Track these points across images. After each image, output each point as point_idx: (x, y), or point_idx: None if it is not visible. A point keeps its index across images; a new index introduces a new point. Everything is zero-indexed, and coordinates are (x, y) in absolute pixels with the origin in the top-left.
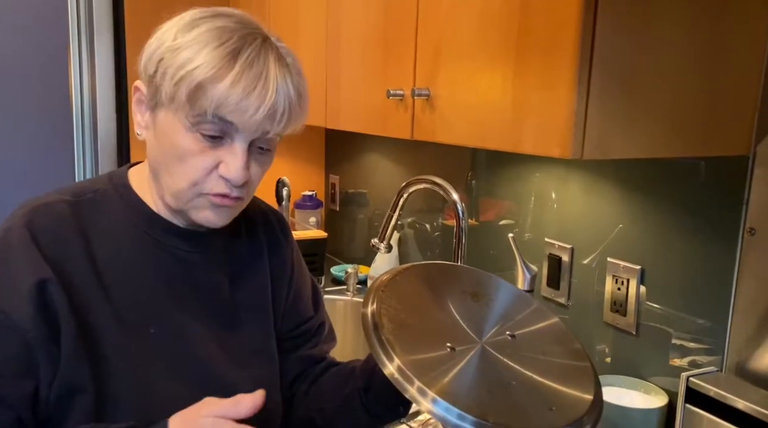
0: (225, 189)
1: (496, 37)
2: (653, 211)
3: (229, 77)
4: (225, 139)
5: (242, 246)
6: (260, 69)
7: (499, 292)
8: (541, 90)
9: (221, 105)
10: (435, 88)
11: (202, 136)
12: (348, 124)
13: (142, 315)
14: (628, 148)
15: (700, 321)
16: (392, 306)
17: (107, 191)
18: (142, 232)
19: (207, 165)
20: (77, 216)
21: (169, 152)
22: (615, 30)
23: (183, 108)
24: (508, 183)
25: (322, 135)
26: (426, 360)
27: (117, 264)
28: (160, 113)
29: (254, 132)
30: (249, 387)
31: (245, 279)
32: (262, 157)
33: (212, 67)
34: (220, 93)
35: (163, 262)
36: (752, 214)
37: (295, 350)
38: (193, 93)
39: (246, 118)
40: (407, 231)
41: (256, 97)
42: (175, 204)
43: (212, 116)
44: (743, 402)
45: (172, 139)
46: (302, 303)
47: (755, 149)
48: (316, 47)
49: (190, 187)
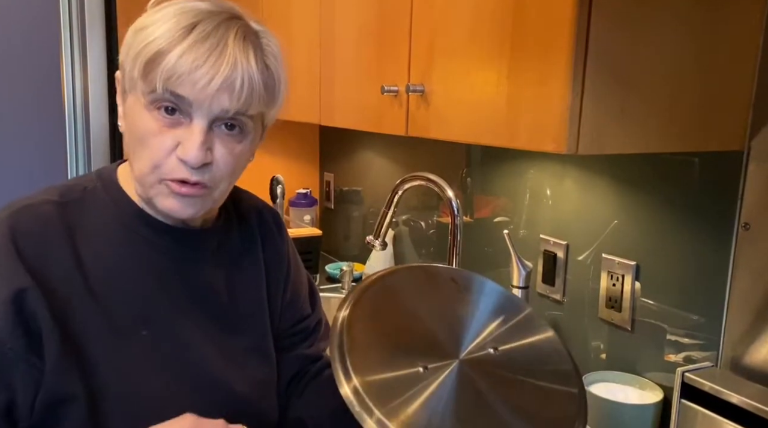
0: (184, 173)
1: (490, 32)
2: (648, 206)
3: (179, 48)
4: (183, 117)
5: (236, 244)
6: (216, 41)
7: (487, 297)
8: (535, 85)
9: (170, 77)
10: (429, 83)
11: (159, 114)
12: (342, 121)
13: (134, 317)
14: (622, 143)
15: (695, 316)
16: (367, 313)
17: (96, 189)
18: (131, 232)
19: (166, 145)
20: (64, 218)
21: (133, 135)
22: (610, 25)
23: (139, 85)
24: (503, 179)
25: (316, 132)
26: (391, 381)
27: (106, 265)
28: (129, 98)
29: (210, 108)
30: (245, 388)
31: (240, 277)
32: (230, 141)
33: (165, 39)
34: (170, 64)
35: (155, 262)
36: (747, 209)
37: (292, 348)
38: (146, 66)
39: (197, 90)
40: (402, 228)
41: (209, 68)
42: (142, 191)
43: (163, 90)
44: (738, 396)
45: (135, 121)
46: (299, 301)
47: (749, 144)
48: (310, 44)
49: (152, 170)
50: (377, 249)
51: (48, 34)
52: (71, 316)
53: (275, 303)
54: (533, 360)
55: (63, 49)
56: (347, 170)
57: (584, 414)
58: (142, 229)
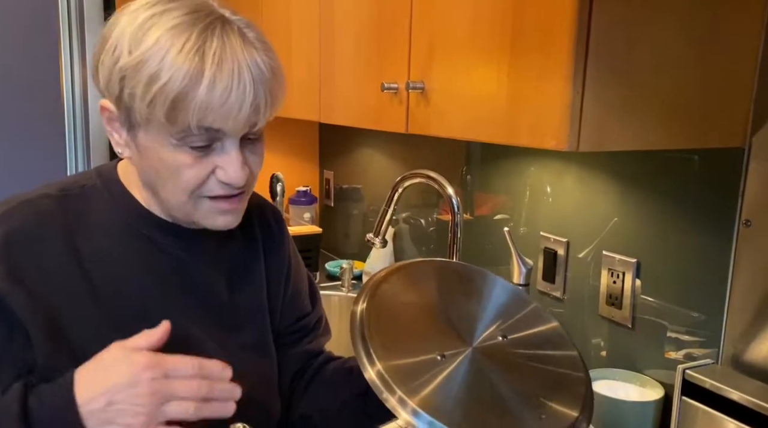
0: (226, 190)
1: (490, 29)
2: (648, 203)
3: (204, 84)
4: (215, 144)
5: (237, 243)
6: (231, 64)
7: (495, 291)
8: (536, 82)
9: (203, 116)
10: (429, 80)
11: (191, 149)
12: (342, 119)
13: (133, 313)
14: (623, 140)
15: (696, 313)
16: (384, 306)
17: (96, 186)
18: (133, 229)
19: (202, 174)
20: (63, 213)
21: (159, 169)
22: (610, 22)
23: (164, 127)
24: (503, 177)
25: (316, 130)
26: (411, 365)
27: (106, 261)
28: (140, 134)
29: (242, 129)
30: (246, 385)
31: (240, 275)
32: (255, 147)
33: (182, 76)
34: (200, 104)
35: (155, 260)
36: (747, 205)
37: (293, 345)
38: (170, 111)
39: (231, 121)
40: (402, 226)
41: (236, 96)
42: (184, 217)
43: (197, 129)
44: (739, 393)
45: (160, 156)
46: (300, 298)
47: (750, 141)
48: (310, 41)
49: (190, 196)
50: (377, 246)
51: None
52: (64, 312)
53: (276, 300)
54: (542, 347)
55: (62, 48)
56: (347, 168)
57: (591, 393)
58: (143, 227)
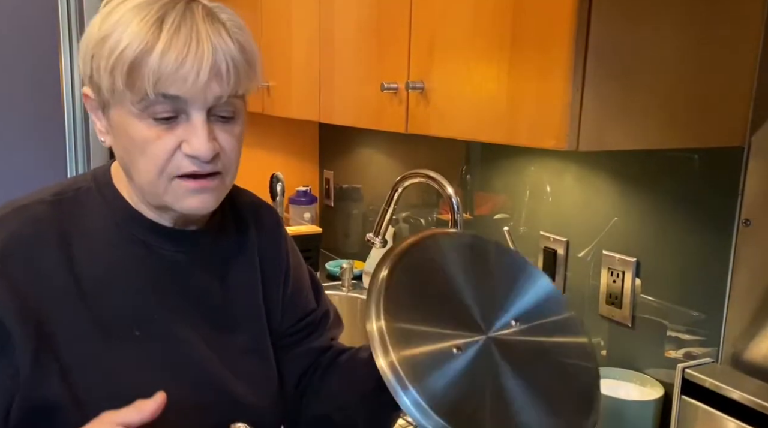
0: (194, 167)
1: (490, 29)
2: (648, 203)
3: (158, 47)
4: (179, 116)
5: (231, 244)
6: (188, 31)
7: (528, 283)
8: (536, 82)
9: (159, 80)
10: (429, 80)
11: (154, 121)
12: (342, 119)
13: (126, 318)
14: (623, 139)
15: (696, 312)
16: (406, 276)
17: (90, 190)
18: (125, 233)
19: (169, 147)
20: (58, 217)
21: (129, 148)
22: (610, 21)
23: (125, 96)
24: (502, 176)
25: (315, 130)
26: (425, 357)
27: (99, 266)
28: (111, 112)
29: (205, 99)
30: (243, 388)
31: (235, 277)
32: (228, 126)
33: (139, 42)
34: (154, 67)
35: (148, 263)
36: (747, 204)
37: (299, 344)
38: (127, 76)
39: (189, 86)
40: (402, 225)
41: (193, 60)
42: (155, 200)
43: (155, 95)
44: (739, 392)
45: (127, 132)
46: (302, 296)
47: (750, 140)
48: (309, 41)
49: (159, 174)
50: (377, 246)
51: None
52: (56, 321)
53: (273, 301)
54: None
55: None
56: (347, 167)
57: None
58: (135, 230)
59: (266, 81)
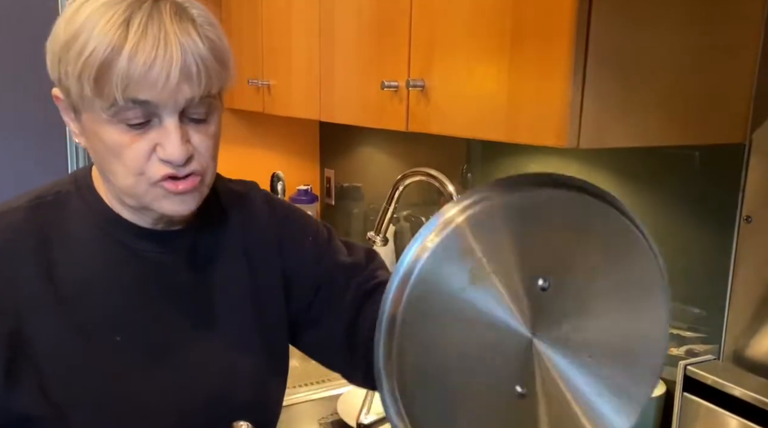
0: (170, 170)
1: (490, 26)
2: (650, 201)
3: (125, 52)
4: (152, 120)
5: (215, 240)
6: (156, 32)
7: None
8: (536, 79)
9: (128, 85)
10: (430, 78)
11: (127, 126)
12: (342, 117)
13: (108, 324)
14: (624, 136)
15: (697, 309)
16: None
17: (70, 193)
18: (107, 236)
19: (143, 151)
20: (36, 223)
21: (103, 152)
22: (610, 18)
23: (94, 102)
24: (503, 174)
25: (316, 129)
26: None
27: (79, 271)
28: (82, 116)
29: (176, 102)
30: (232, 387)
31: (219, 274)
32: (202, 126)
33: (105, 46)
34: (122, 72)
35: (130, 266)
36: (748, 201)
37: (338, 299)
38: (95, 83)
39: (159, 90)
40: (403, 224)
41: (161, 63)
42: (135, 201)
43: (124, 101)
44: (741, 389)
45: (100, 137)
46: (319, 259)
47: (751, 136)
48: (309, 39)
49: (137, 179)
50: (378, 245)
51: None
52: (34, 329)
53: (270, 290)
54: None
55: None
56: (348, 166)
57: None
58: (117, 233)
59: (267, 80)
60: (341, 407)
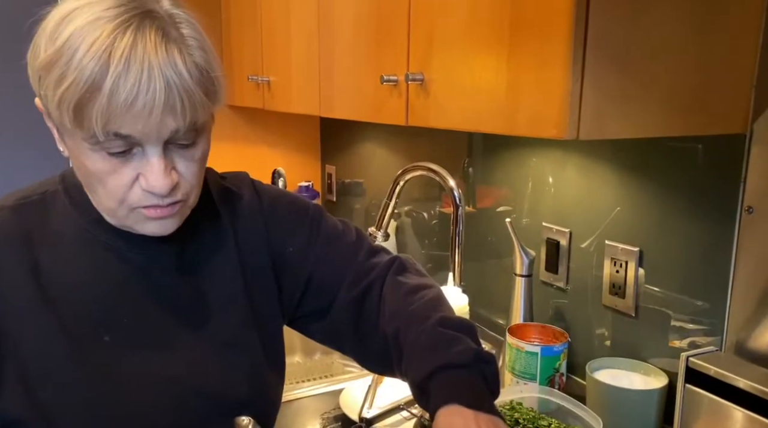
0: (154, 200)
1: (489, 19)
2: (651, 192)
3: (106, 88)
4: (134, 149)
5: (203, 240)
6: (139, 65)
7: None
8: (535, 71)
9: (108, 121)
10: (429, 72)
11: (109, 155)
12: (342, 112)
13: (95, 323)
14: (624, 127)
15: (699, 301)
16: None
17: (56, 193)
18: (92, 237)
19: (125, 181)
20: (19, 223)
21: (86, 174)
22: (609, 8)
23: (75, 132)
24: (504, 168)
25: (317, 125)
26: None
27: (65, 271)
28: (64, 135)
29: (160, 134)
30: (223, 384)
31: (208, 274)
32: (189, 151)
33: (84, 80)
34: (101, 108)
35: (116, 267)
36: (750, 192)
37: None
38: (75, 116)
39: (141, 127)
40: (404, 219)
41: (143, 98)
42: (116, 222)
43: (104, 135)
44: (743, 380)
45: (82, 161)
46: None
47: (752, 127)
48: (308, 35)
49: (119, 205)
50: (379, 240)
51: None
52: (19, 331)
53: (261, 284)
54: None
55: None
56: (349, 162)
57: None
58: (101, 233)
59: (266, 76)
60: (343, 401)
